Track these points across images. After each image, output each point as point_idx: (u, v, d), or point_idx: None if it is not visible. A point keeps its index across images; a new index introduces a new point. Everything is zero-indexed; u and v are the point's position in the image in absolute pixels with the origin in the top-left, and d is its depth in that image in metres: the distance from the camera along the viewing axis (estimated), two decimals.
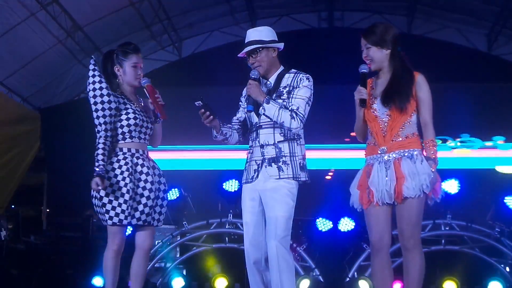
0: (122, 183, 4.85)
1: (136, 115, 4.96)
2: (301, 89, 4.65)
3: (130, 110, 4.96)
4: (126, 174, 4.86)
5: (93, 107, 4.84)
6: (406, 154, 4.48)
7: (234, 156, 12.12)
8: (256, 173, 4.69)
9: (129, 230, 6.02)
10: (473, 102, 11.96)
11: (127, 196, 4.83)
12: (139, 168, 4.93)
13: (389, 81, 4.57)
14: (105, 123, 4.84)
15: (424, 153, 4.51)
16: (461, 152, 12.53)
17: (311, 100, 4.69)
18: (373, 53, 4.55)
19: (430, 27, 14.07)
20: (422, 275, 4.50)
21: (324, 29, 14.48)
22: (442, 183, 9.21)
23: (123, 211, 4.84)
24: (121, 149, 4.95)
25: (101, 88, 4.84)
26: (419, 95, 4.53)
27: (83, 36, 12.41)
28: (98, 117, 4.84)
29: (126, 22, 12.65)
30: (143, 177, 4.92)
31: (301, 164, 4.68)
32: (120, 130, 4.95)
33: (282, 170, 4.62)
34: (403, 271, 4.59)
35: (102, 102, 4.83)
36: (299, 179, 4.66)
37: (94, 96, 4.83)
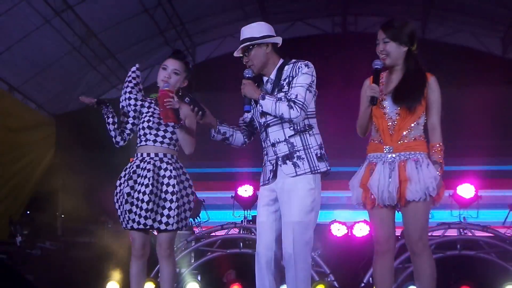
0: (121, 189, 4.91)
1: (151, 118, 4.95)
2: (299, 77, 4.37)
3: (149, 113, 4.98)
4: (122, 180, 4.90)
5: None
6: (412, 157, 4.37)
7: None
8: (272, 173, 4.46)
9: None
10: (488, 106, 11.89)
11: (120, 201, 4.87)
12: (139, 171, 4.87)
13: (401, 79, 4.45)
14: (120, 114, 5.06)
15: (431, 156, 4.40)
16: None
17: (313, 86, 4.41)
18: (390, 48, 4.41)
19: (444, 31, 14.02)
20: (434, 279, 4.39)
21: (338, 34, 14.47)
22: (458, 188, 9.28)
23: (121, 215, 4.90)
24: (136, 155, 4.97)
25: (125, 93, 5.05)
26: (430, 97, 4.43)
27: (97, 43, 12.45)
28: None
29: (140, 29, 12.70)
30: (139, 180, 4.84)
31: (318, 155, 4.42)
32: (138, 134, 5.00)
33: (298, 166, 4.37)
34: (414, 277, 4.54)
35: (123, 104, 5.04)
36: (319, 170, 4.40)
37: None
